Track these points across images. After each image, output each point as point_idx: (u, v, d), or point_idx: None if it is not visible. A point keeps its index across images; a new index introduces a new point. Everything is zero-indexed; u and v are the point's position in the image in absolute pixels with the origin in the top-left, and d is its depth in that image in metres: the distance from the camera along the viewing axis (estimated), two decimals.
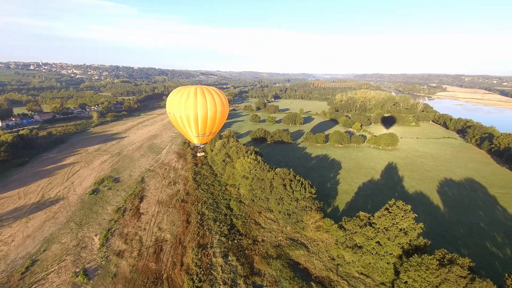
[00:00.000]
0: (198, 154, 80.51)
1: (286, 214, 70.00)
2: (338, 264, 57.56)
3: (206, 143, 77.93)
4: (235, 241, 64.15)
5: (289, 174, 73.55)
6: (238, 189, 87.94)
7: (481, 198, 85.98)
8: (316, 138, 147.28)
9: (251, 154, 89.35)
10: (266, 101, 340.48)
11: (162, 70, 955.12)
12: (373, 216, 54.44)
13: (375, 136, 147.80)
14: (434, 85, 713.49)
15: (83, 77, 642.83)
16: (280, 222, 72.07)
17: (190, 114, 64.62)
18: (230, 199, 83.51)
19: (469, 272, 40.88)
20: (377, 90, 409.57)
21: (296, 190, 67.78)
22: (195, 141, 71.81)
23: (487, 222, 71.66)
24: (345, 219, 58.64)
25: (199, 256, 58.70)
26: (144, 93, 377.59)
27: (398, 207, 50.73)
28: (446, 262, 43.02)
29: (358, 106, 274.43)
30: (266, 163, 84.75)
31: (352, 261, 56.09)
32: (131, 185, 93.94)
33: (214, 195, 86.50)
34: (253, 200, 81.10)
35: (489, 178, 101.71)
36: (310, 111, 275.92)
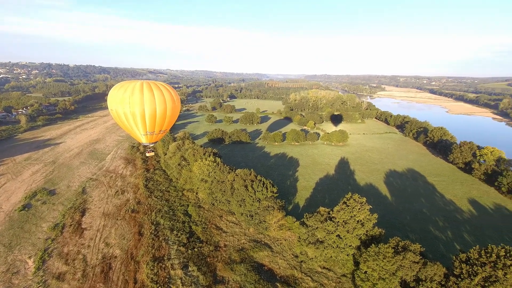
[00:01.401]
0: (147, 154, 74.35)
1: (248, 215, 68.67)
2: (301, 261, 58.28)
3: (156, 142, 72.28)
4: (196, 249, 60.50)
5: (250, 174, 72.33)
6: (197, 193, 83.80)
7: (421, 186, 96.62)
8: (273, 137, 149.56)
9: (209, 156, 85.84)
10: (221, 101, 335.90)
11: (104, 68, 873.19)
12: (333, 211, 56.27)
13: (328, 133, 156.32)
14: (374, 85, 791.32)
15: (8, 76, 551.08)
16: (242, 225, 70.48)
17: (136, 111, 58.87)
18: (188, 205, 78.97)
19: (421, 257, 44.61)
20: (326, 90, 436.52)
21: (258, 191, 66.85)
22: (143, 140, 66.06)
23: (428, 208, 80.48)
24: (306, 215, 59.57)
25: (155, 271, 53.77)
26: (82, 93, 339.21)
27: (355, 200, 53.18)
28: (400, 249, 46.32)
29: (311, 105, 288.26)
30: (225, 165, 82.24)
31: (315, 256, 57.30)
32: (70, 198, 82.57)
33: (169, 202, 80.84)
34: (213, 204, 77.99)
35: (426, 167, 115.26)
36: (266, 111, 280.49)
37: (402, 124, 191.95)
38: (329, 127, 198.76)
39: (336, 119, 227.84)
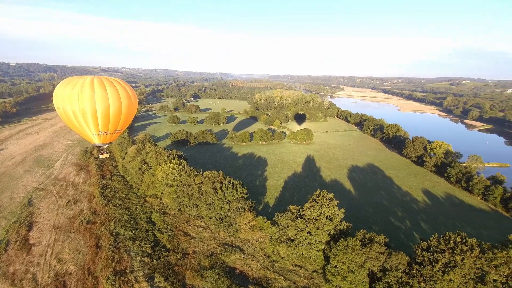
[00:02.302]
0: (101, 156, 68.39)
1: (218, 218, 66.79)
2: (273, 261, 58.26)
3: (111, 143, 66.84)
4: (162, 259, 57.00)
5: (219, 176, 70.40)
6: (161, 199, 79.35)
7: (380, 179, 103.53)
8: (241, 137, 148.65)
9: (174, 159, 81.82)
10: (184, 101, 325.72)
11: (49, 66, 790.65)
12: (303, 208, 57.12)
13: (294, 132, 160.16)
14: (334, 85, 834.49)
15: None
16: (212, 228, 68.36)
17: (87, 108, 53.56)
18: (151, 212, 74.37)
19: (386, 248, 47.12)
20: (290, 90, 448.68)
21: (227, 192, 65.29)
22: (96, 140, 60.57)
23: (388, 200, 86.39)
24: (277, 214, 59.68)
25: (117, 285, 49.52)
26: (25, 94, 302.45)
27: (323, 196, 54.57)
28: (366, 242, 48.47)
29: (276, 104, 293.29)
30: (192, 167, 79.04)
31: (287, 255, 57.64)
32: (14, 211, 72.72)
33: (130, 210, 75.29)
34: (179, 209, 74.47)
35: (384, 162, 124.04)
36: (232, 110, 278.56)
37: (361, 122, 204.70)
38: (295, 126, 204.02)
39: (300, 118, 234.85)
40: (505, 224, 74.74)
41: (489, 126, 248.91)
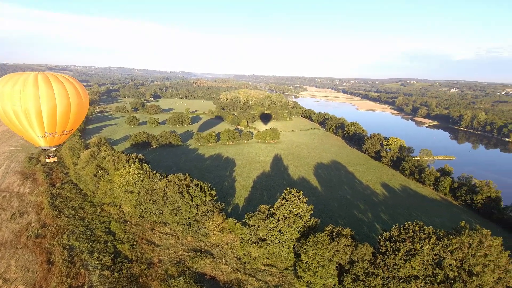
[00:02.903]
0: (48, 160, 62.13)
1: (185, 224, 64.33)
2: (245, 262, 57.75)
3: (60, 145, 60.89)
4: (124, 271, 53.14)
5: (185, 179, 67.82)
6: (120, 206, 74.24)
7: (343, 175, 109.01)
8: (207, 138, 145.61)
9: (134, 163, 76.86)
10: (144, 101, 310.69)
11: None
12: (273, 207, 57.46)
13: (261, 131, 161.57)
14: (297, 85, 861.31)
15: None
16: (179, 234, 65.67)
17: (30, 108, 48.04)
18: (110, 221, 69.17)
19: (352, 240, 49.36)
20: (256, 89, 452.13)
21: (195, 196, 63.13)
22: (42, 143, 54.78)
23: (351, 194, 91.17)
24: (248, 215, 59.22)
25: None
26: None
27: (293, 194, 55.48)
28: (334, 236, 50.32)
29: (242, 104, 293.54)
30: (155, 171, 75.02)
31: (258, 255, 57.44)
32: None
33: (85, 220, 69.14)
34: (142, 217, 70.31)
35: (346, 158, 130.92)
36: (196, 111, 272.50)
37: (324, 121, 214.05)
38: (261, 126, 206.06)
39: (266, 118, 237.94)
40: (454, 211, 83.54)
41: (436, 123, 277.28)
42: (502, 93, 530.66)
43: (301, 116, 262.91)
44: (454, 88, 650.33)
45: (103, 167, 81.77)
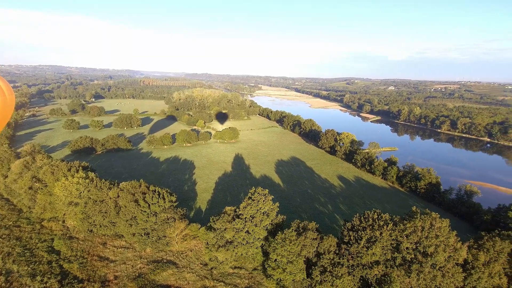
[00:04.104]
0: None
1: (143, 234, 59.68)
2: (212, 268, 55.95)
3: None
4: None
5: (140, 186, 62.83)
6: (64, 221, 66.26)
7: (303, 170, 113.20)
8: (161, 140, 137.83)
9: (77, 172, 68.74)
10: (84, 102, 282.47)
11: None
12: (239, 208, 56.53)
13: (220, 131, 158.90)
14: (253, 84, 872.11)
15: None
16: (136, 247, 60.88)
17: None
18: (52, 239, 61.35)
19: (317, 233, 51.06)
20: (211, 88, 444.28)
21: (153, 203, 58.82)
22: None
23: (312, 188, 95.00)
24: (213, 218, 57.31)
25: None
26: None
27: (258, 193, 55.26)
28: (301, 231, 51.54)
29: (198, 104, 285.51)
30: (103, 179, 68.01)
31: (226, 258, 56.07)
32: None
33: (23, 239, 60.19)
34: (91, 231, 63.56)
35: (304, 154, 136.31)
36: (147, 111, 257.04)
37: (281, 119, 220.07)
38: (219, 125, 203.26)
39: (223, 117, 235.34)
40: (402, 197, 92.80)
41: (379, 118, 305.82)
42: (432, 90, 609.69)
43: (259, 114, 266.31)
44: (392, 86, 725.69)
45: (40, 178, 71.54)
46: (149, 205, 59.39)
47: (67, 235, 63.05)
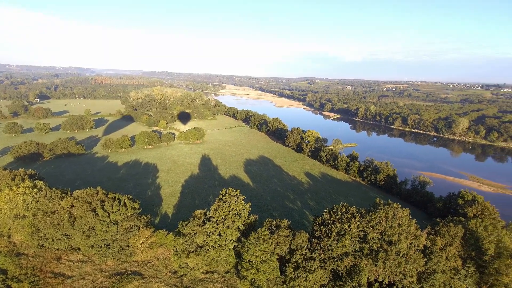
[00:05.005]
0: None
1: (103, 245, 55.04)
2: (182, 275, 53.82)
3: None
4: None
5: (97, 194, 57.84)
6: (9, 236, 58.74)
7: (272, 169, 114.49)
8: (119, 143, 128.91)
9: (23, 181, 61.22)
10: (27, 103, 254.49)
11: None
12: (210, 211, 55.05)
13: (184, 132, 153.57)
14: (216, 83, 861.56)
15: None
16: (95, 260, 56.17)
17: None
18: None
19: (290, 230, 51.77)
20: (172, 87, 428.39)
21: (113, 212, 54.53)
22: None
23: (281, 186, 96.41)
24: (182, 223, 54.96)
25: None
26: None
27: (230, 194, 54.33)
28: (274, 229, 51.86)
29: (158, 103, 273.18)
30: (54, 188, 61.40)
31: (197, 264, 54.23)
32: None
33: None
34: (42, 245, 57.39)
35: (272, 152, 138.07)
36: (100, 112, 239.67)
37: (247, 118, 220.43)
38: (183, 126, 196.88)
39: (186, 117, 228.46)
40: (364, 190, 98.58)
41: (339, 116, 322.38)
42: (384, 89, 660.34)
43: (225, 114, 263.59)
44: (349, 86, 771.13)
45: None
46: (108, 214, 54.99)
47: (14, 251, 56.20)
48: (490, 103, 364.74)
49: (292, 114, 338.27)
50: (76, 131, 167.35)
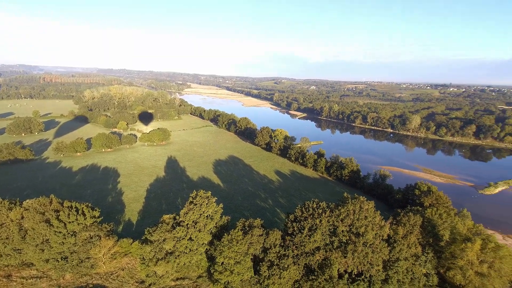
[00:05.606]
0: None
1: (59, 259, 50.59)
2: (150, 284, 51.61)
3: None
4: None
5: (51, 203, 52.87)
6: None
7: (242, 168, 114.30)
8: (73, 146, 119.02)
9: None
10: None
11: None
12: (179, 215, 53.19)
13: (147, 133, 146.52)
14: (180, 82, 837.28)
15: None
16: (51, 275, 51.74)
17: None
18: None
19: (263, 229, 52.00)
20: (131, 86, 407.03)
21: (70, 222, 50.23)
22: None
23: (252, 185, 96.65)
24: (149, 230, 52.35)
25: None
26: None
27: (201, 196, 53.00)
28: (247, 229, 51.67)
29: (116, 103, 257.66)
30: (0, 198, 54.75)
31: (166, 271, 52.17)
32: None
33: None
34: None
35: (242, 152, 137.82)
36: (51, 113, 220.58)
37: (215, 118, 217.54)
38: (145, 127, 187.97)
39: (149, 117, 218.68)
40: (331, 185, 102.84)
41: (305, 114, 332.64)
42: (345, 89, 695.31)
43: (191, 114, 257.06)
44: (313, 86, 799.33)
45: None
46: (65, 224, 50.57)
47: None
48: (438, 102, 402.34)
49: (260, 113, 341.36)
50: (23, 134, 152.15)
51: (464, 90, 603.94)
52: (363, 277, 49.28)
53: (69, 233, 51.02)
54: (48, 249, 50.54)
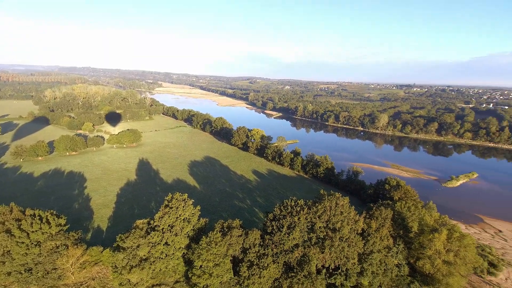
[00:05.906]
0: None
1: (23, 271, 46.92)
2: None
3: None
4: None
5: (11, 211, 48.75)
6: None
7: (219, 169, 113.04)
8: (34, 150, 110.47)
9: None
10: None
11: None
12: (153, 219, 51.44)
13: (116, 135, 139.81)
14: (151, 81, 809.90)
15: None
16: None
17: None
18: None
19: (242, 229, 51.84)
20: (97, 85, 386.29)
21: (33, 231, 46.69)
22: None
23: (229, 186, 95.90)
24: (121, 236, 50.11)
25: None
26: None
27: (177, 199, 51.66)
28: (226, 230, 51.24)
29: (81, 103, 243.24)
30: None
31: (141, 279, 50.24)
32: None
33: None
34: None
35: (218, 152, 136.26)
36: (8, 115, 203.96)
37: (189, 118, 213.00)
38: (113, 128, 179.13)
39: (118, 118, 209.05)
40: (307, 183, 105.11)
41: (280, 114, 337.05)
42: (318, 89, 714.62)
43: (163, 114, 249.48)
44: (288, 86, 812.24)
45: None
46: (28, 234, 47.00)
47: None
48: (403, 101, 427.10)
49: (236, 113, 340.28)
50: None
51: (426, 90, 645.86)
52: (340, 271, 50.98)
53: (32, 243, 47.66)
54: (10, 261, 46.87)
